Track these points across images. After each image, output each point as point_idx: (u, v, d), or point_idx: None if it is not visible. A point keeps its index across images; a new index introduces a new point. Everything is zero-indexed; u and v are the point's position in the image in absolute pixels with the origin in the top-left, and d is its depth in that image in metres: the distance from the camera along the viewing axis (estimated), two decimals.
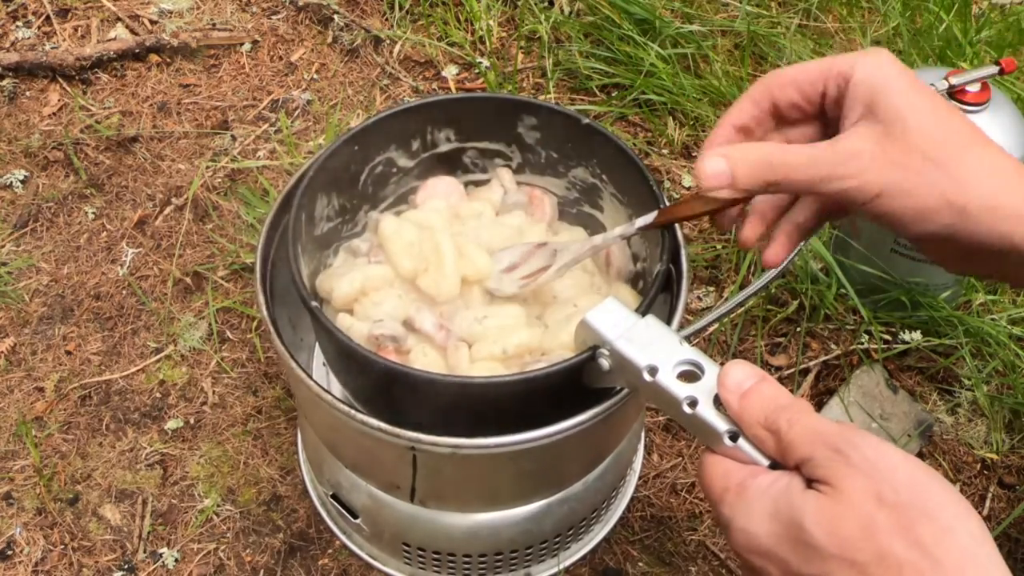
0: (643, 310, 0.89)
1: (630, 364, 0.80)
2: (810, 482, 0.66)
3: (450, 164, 1.15)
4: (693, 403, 0.74)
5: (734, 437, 0.71)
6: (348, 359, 0.95)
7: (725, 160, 0.80)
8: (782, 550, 0.64)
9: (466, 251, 1.04)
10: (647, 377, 0.77)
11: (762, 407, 0.69)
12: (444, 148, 1.13)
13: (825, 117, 0.85)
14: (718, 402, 0.73)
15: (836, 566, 0.61)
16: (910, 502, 0.61)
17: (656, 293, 0.94)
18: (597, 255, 1.08)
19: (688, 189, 1.58)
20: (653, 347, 0.79)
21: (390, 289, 1.03)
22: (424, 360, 0.98)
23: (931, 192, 0.76)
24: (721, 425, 0.72)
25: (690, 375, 0.76)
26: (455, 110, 1.11)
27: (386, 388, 0.93)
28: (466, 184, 1.16)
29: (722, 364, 0.73)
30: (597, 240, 1.03)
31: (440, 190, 1.13)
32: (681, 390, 0.75)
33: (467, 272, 1.03)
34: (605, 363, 0.84)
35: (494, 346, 0.98)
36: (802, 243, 0.90)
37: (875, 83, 0.78)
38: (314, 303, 0.92)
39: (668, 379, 0.76)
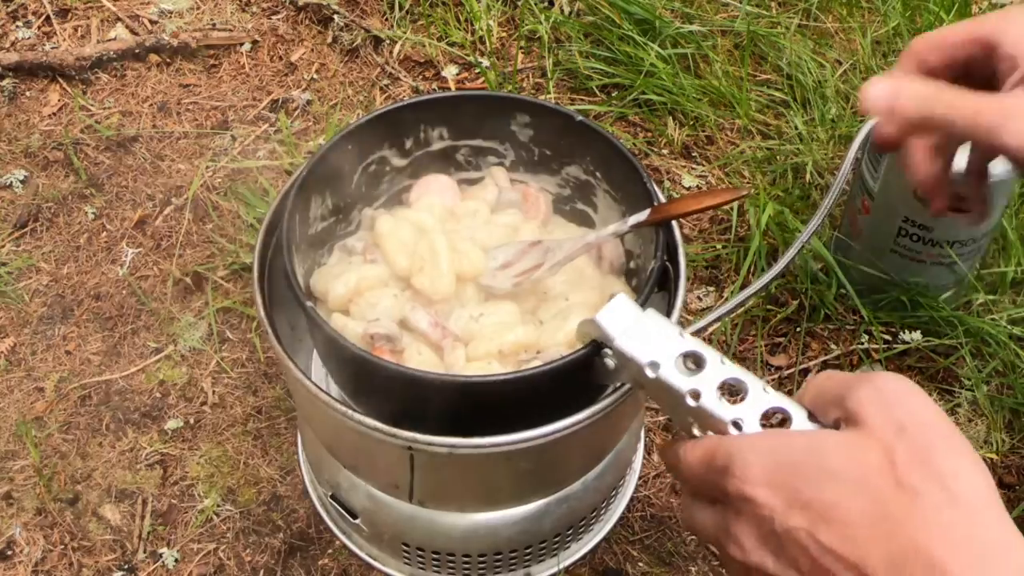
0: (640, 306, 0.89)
1: (632, 361, 0.80)
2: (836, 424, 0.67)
3: (443, 162, 1.15)
4: (696, 395, 0.74)
5: (738, 426, 0.71)
6: (342, 359, 0.95)
7: (892, 85, 0.83)
8: (792, 480, 0.64)
9: (460, 248, 1.04)
10: (650, 373, 0.77)
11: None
12: (437, 146, 1.13)
13: (971, 79, 0.88)
14: (721, 391, 0.73)
15: (850, 490, 0.62)
16: (930, 438, 0.62)
17: (651, 290, 0.93)
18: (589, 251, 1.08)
19: (688, 189, 1.58)
20: (653, 342, 0.79)
21: (385, 289, 1.03)
22: (418, 359, 0.98)
23: None
24: (726, 415, 0.72)
25: (692, 367, 0.76)
26: (448, 108, 1.11)
27: (381, 388, 0.93)
28: (459, 182, 1.16)
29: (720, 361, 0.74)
30: (591, 237, 1.03)
31: (434, 188, 1.13)
32: (684, 383, 0.75)
33: (461, 268, 1.03)
34: (611, 362, 0.84)
35: (490, 344, 0.98)
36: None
37: None
38: (308, 303, 0.92)
39: (670, 373, 0.76)
